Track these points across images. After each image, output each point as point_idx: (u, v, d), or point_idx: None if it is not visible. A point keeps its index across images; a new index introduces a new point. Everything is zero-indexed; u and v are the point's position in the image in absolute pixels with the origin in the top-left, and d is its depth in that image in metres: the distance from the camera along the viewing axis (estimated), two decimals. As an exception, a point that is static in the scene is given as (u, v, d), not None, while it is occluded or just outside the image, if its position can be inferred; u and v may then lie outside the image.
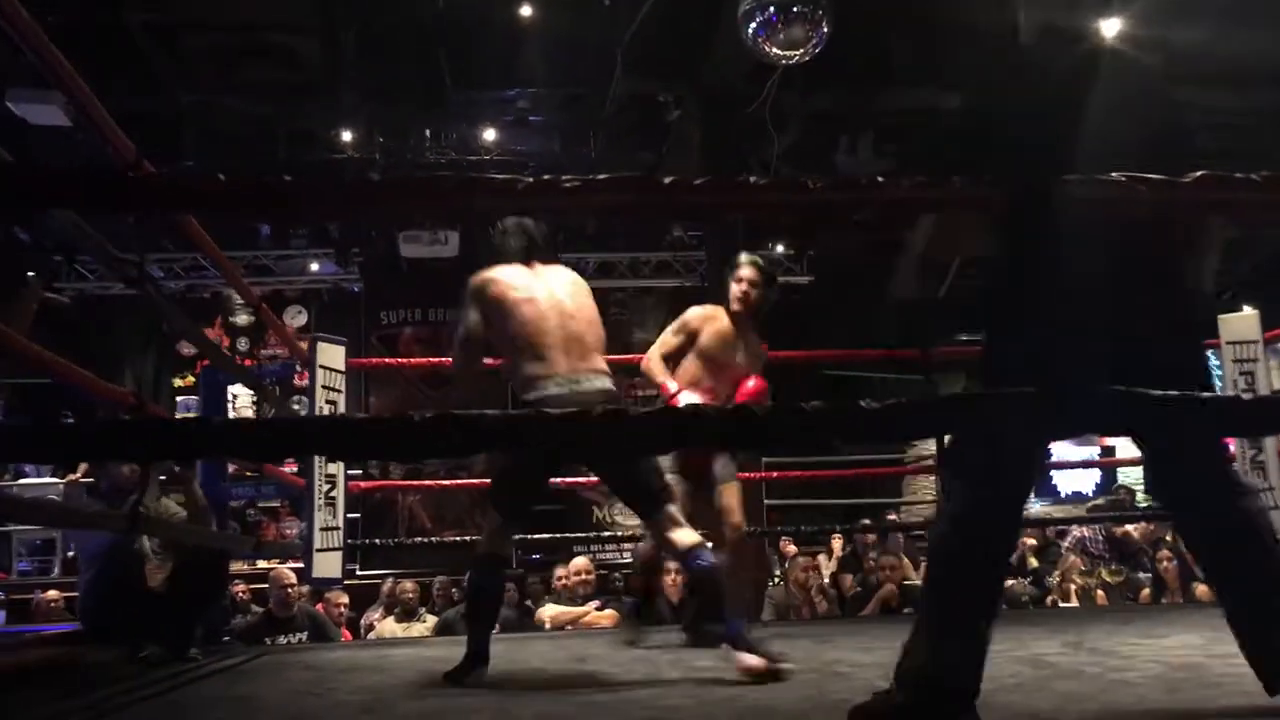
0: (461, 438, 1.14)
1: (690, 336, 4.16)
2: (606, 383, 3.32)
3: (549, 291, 3.40)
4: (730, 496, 4.05)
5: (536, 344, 3.26)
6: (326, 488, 4.92)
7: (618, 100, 8.87)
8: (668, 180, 1.37)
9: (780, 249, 11.79)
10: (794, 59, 6.42)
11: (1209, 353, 4.92)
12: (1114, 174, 1.45)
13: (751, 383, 4.05)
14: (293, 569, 6.22)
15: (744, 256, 4.24)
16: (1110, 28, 7.53)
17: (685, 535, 3.20)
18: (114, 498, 4.02)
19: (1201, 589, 6.99)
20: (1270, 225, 8.35)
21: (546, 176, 1.33)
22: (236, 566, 8.35)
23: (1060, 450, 12.47)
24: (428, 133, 9.82)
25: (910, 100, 8.85)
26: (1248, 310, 6.12)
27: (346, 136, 9.51)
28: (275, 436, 1.20)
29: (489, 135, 9.78)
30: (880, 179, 1.45)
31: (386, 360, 8.68)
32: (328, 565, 4.94)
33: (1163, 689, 2.47)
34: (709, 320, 4.17)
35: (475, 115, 9.65)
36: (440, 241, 9.97)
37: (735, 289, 4.15)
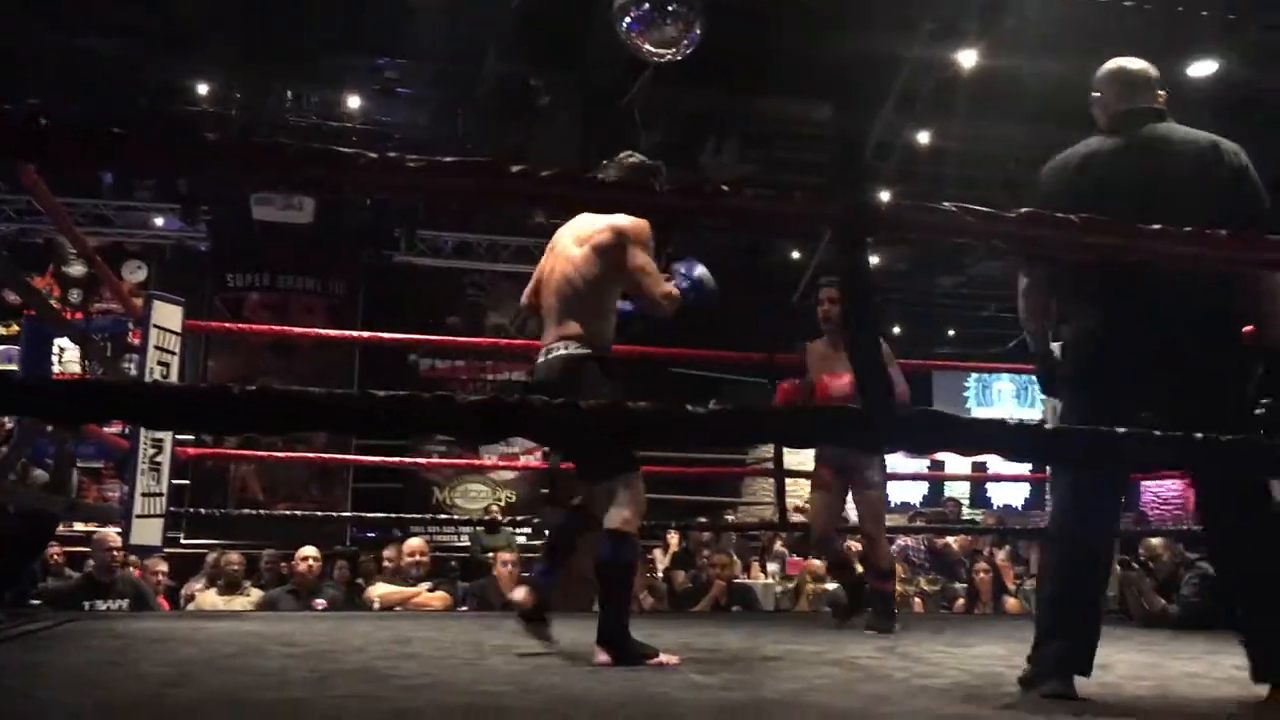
0: (276, 414, 1.12)
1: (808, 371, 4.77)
2: (568, 349, 3.26)
3: (552, 252, 3.49)
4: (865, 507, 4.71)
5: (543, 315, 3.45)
6: (151, 452, 4.75)
7: (489, 80, 8.79)
8: (515, 169, 1.37)
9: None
10: (666, 57, 6.48)
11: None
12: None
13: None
14: (116, 533, 5.97)
15: (822, 280, 4.87)
16: (967, 59, 7.89)
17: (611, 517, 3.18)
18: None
19: (1012, 602, 7.36)
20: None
21: (391, 155, 1.32)
22: (50, 527, 7.98)
23: (894, 461, 12.92)
24: (289, 94, 9.53)
25: (779, 108, 9.03)
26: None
27: (203, 90, 9.15)
28: (69, 399, 1.16)
29: (354, 103, 9.55)
30: (724, 188, 1.47)
31: (228, 325, 8.38)
32: (147, 532, 4.77)
33: (962, 696, 2.58)
34: (810, 354, 4.80)
35: (341, 81, 9.41)
36: (295, 206, 9.69)
37: (820, 311, 4.75)
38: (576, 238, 3.41)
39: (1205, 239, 1.56)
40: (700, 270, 3.51)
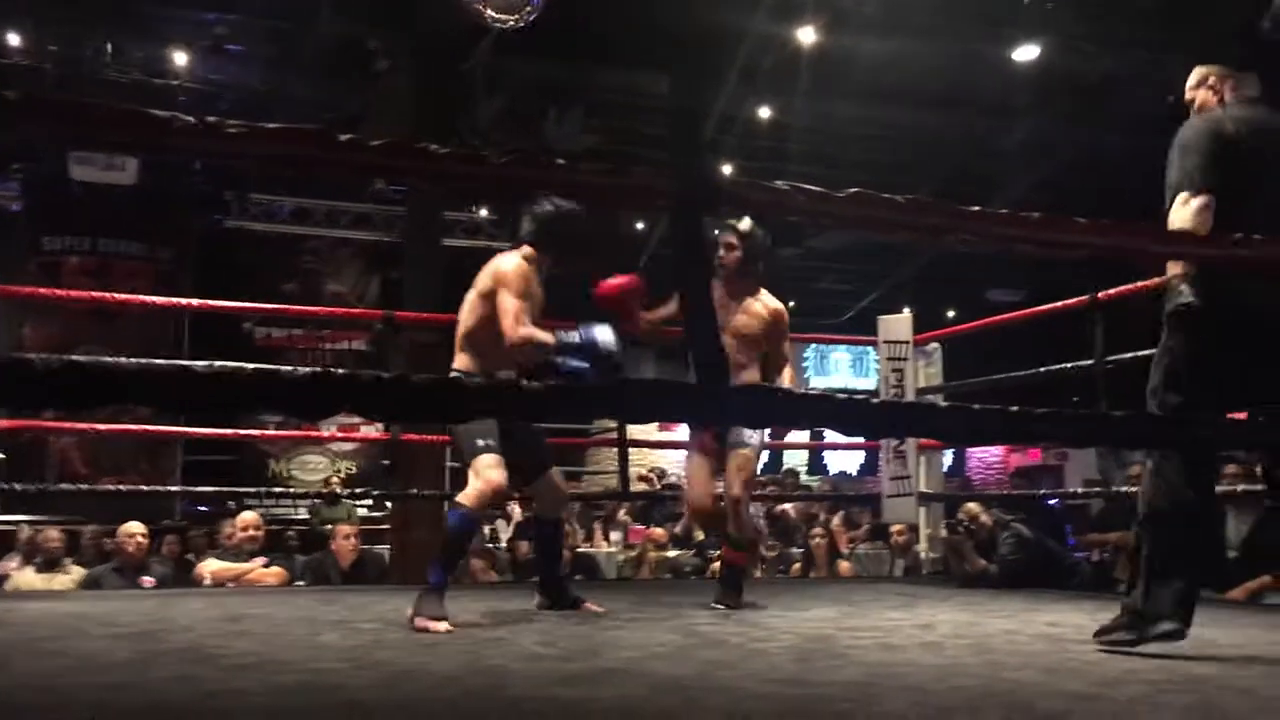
0: (84, 388, 1.06)
1: None
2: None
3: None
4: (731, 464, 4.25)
5: None
6: (-41, 425, 4.47)
7: (325, 40, 8.51)
8: (343, 137, 1.33)
9: (484, 213, 11.75)
10: (509, 24, 6.39)
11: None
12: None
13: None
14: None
15: (718, 226, 4.41)
16: (806, 35, 8.04)
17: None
18: None
19: (845, 565, 7.62)
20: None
21: (210, 119, 1.26)
22: None
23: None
24: (109, 47, 9.01)
25: (623, 79, 9.04)
26: (905, 313, 6.69)
27: (12, 39, 8.57)
28: None
29: (180, 59, 9.10)
30: (561, 161, 1.47)
31: (42, 291, 7.91)
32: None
33: (794, 658, 2.67)
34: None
35: (166, 35, 8.95)
36: (117, 167, 9.20)
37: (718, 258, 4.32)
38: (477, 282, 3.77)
39: (1015, 221, 1.64)
40: (597, 337, 3.61)
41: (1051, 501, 6.98)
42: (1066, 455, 14.97)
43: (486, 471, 3.52)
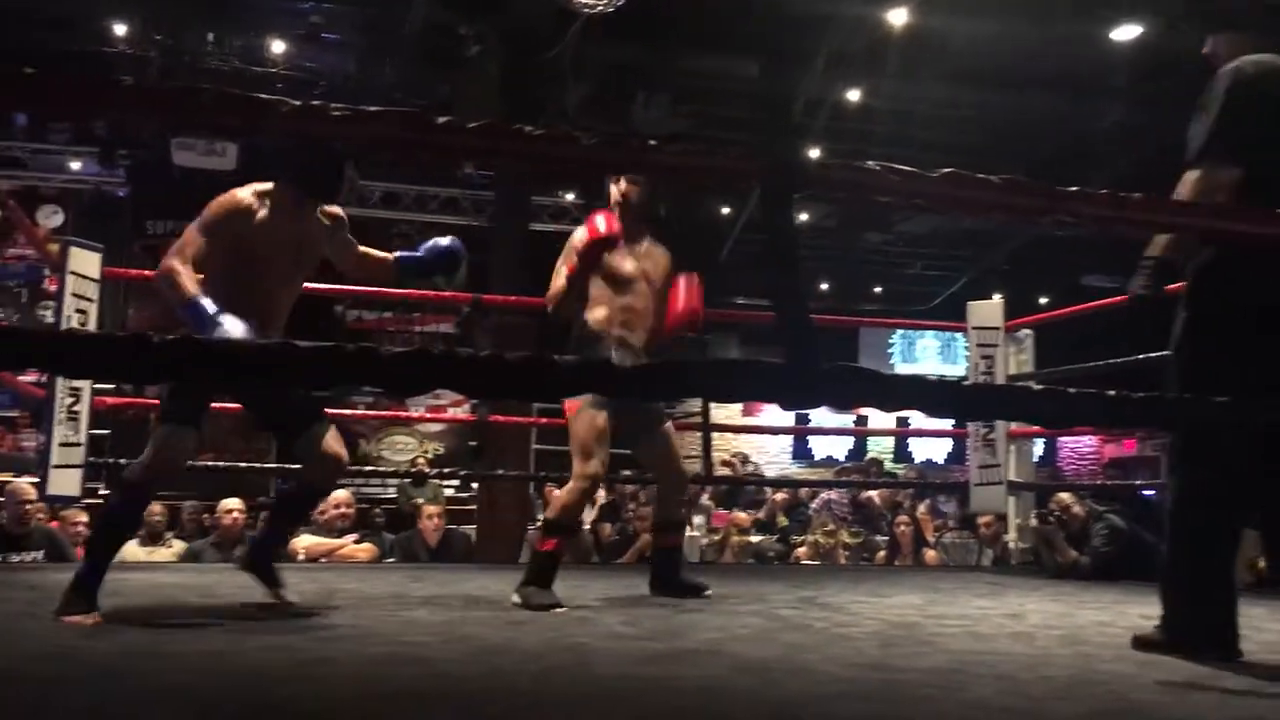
0: (196, 365, 1.10)
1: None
2: None
3: None
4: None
5: None
6: (69, 401, 4.65)
7: (417, 27, 8.63)
8: (440, 120, 1.36)
9: (571, 197, 11.81)
10: (597, 9, 6.42)
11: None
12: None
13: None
14: (31, 484, 5.84)
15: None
16: (897, 17, 7.93)
17: None
18: None
19: (930, 554, 7.54)
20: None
21: (314, 102, 1.30)
22: (-39, 478, 7.77)
23: (818, 416, 13.12)
24: (210, 37, 9.26)
25: (710, 64, 9.01)
26: (995, 299, 6.57)
27: (120, 30, 8.85)
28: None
29: (278, 47, 9.32)
30: (651, 142, 1.48)
31: (147, 273, 8.16)
32: (66, 482, 4.68)
33: (877, 644, 2.65)
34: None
35: (264, 24, 9.18)
36: (217, 152, 9.45)
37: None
38: None
39: (1114, 201, 1.60)
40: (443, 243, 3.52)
41: (1148, 493, 6.81)
42: (1164, 446, 14.58)
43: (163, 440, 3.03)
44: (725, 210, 12.46)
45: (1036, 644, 2.72)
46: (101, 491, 8.85)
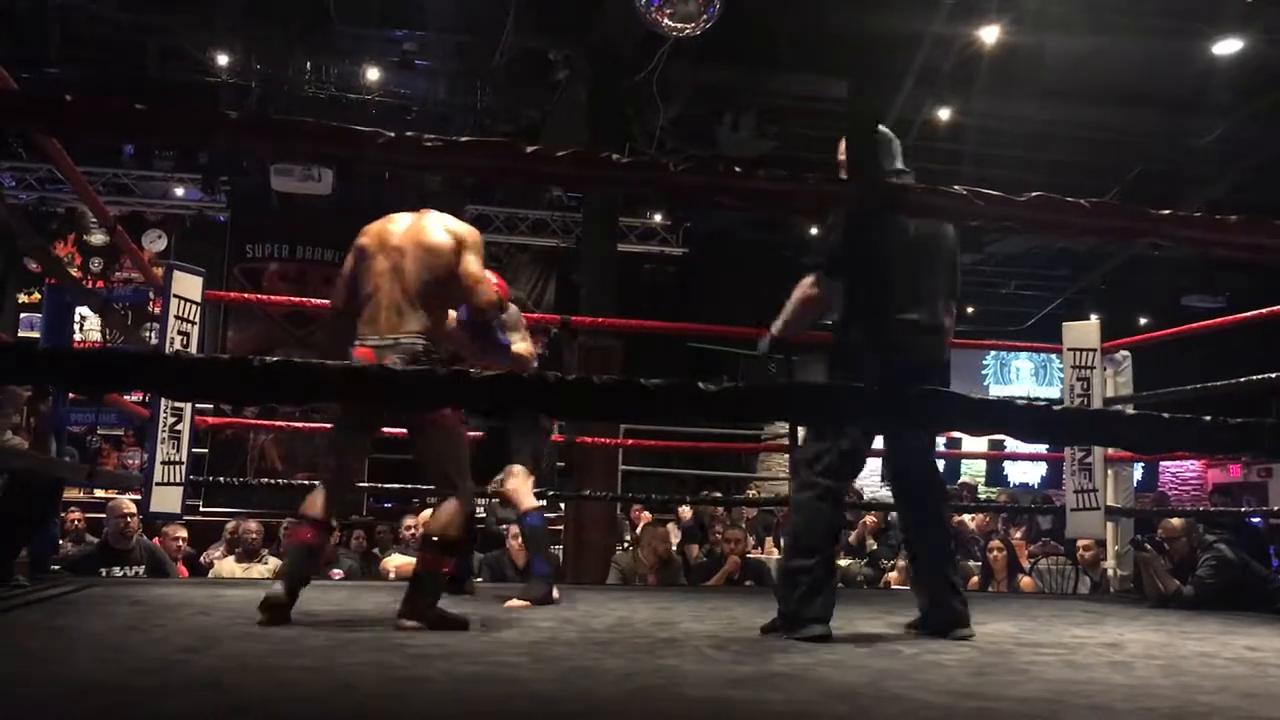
0: (295, 387, 1.14)
1: None
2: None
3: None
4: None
5: None
6: (171, 420, 4.80)
7: (507, 53, 8.77)
8: (529, 150, 1.38)
9: (658, 218, 11.87)
10: (685, 32, 6.46)
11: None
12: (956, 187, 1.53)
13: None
14: (133, 500, 6.03)
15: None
16: (989, 35, 7.83)
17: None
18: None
19: (1026, 580, 7.37)
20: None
21: (409, 134, 1.33)
22: (72, 494, 8.06)
23: (909, 438, 12.91)
24: (308, 65, 9.53)
25: (798, 84, 9.00)
26: (1092, 319, 6.43)
27: (222, 60, 9.16)
28: (87, 368, 1.18)
29: (373, 75, 9.55)
30: (738, 169, 1.48)
31: (246, 295, 8.43)
32: (167, 499, 4.83)
33: (970, 671, 2.60)
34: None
35: (359, 52, 9.41)
36: (313, 178, 9.70)
37: None
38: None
39: (1212, 224, 1.56)
40: None
41: (1255, 520, 6.58)
42: (1271, 472, 14.08)
43: None
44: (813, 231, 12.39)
45: (1135, 674, 2.64)
46: (202, 508, 9.12)
